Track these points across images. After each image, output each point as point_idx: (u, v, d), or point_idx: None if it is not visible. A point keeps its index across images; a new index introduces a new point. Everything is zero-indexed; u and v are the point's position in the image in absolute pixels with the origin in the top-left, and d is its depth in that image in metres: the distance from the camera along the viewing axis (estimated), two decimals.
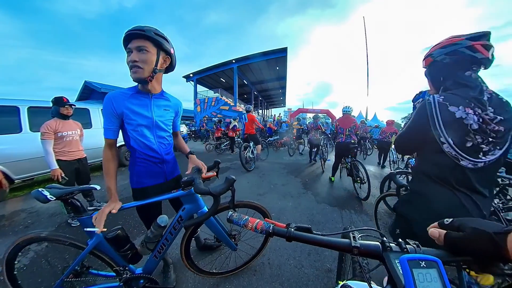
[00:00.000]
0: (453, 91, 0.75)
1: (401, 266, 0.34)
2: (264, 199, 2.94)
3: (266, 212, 1.33)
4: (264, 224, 0.47)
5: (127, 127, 0.99)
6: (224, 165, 5.18)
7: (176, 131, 1.26)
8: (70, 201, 0.92)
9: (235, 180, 0.80)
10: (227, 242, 1.29)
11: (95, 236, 0.93)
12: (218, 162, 1.22)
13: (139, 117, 0.99)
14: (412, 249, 0.39)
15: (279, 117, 17.00)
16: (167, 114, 1.11)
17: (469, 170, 0.71)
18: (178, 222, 1.05)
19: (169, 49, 0.98)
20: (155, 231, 1.01)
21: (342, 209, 2.71)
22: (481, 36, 0.71)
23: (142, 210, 1.15)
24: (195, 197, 1.07)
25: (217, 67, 18.47)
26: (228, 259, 1.50)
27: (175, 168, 1.23)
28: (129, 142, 1.02)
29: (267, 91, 29.72)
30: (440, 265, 0.33)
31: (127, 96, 0.97)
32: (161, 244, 1.05)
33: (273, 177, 4.14)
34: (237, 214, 0.51)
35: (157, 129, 1.06)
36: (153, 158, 1.07)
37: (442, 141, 0.72)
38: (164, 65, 1.00)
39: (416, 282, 0.31)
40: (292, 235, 0.44)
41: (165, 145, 1.12)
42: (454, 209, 0.74)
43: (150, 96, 1.03)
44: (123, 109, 0.95)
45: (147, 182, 1.10)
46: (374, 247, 0.40)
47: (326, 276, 1.48)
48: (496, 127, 0.67)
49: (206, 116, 16.88)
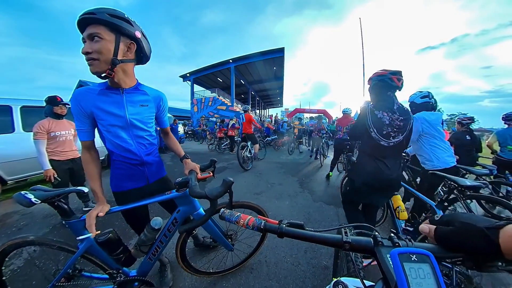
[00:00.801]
0: (379, 102, 1.33)
1: (392, 260, 0.33)
2: (261, 198, 2.94)
3: (262, 211, 1.33)
4: (256, 220, 0.47)
5: (100, 128, 0.89)
6: (221, 165, 5.16)
7: (164, 127, 1.16)
8: (57, 204, 0.87)
9: (232, 182, 0.78)
10: (224, 243, 1.28)
11: (85, 240, 0.91)
12: (214, 161, 1.17)
13: (110, 117, 0.88)
14: (404, 244, 0.38)
15: (276, 117, 17.00)
16: (145, 111, 0.97)
17: (384, 147, 1.28)
18: (172, 224, 1.04)
19: (132, 32, 0.81)
20: (148, 234, 0.99)
21: (338, 207, 2.72)
22: (397, 72, 1.25)
23: (128, 214, 1.10)
24: (190, 199, 1.04)
25: (214, 66, 18.41)
26: (225, 258, 1.50)
27: (159, 169, 1.13)
28: (105, 143, 0.93)
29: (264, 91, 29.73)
30: (432, 259, 0.32)
31: (95, 93, 0.85)
32: (156, 247, 1.04)
33: (270, 176, 4.14)
34: (229, 211, 0.51)
35: (133, 128, 0.94)
36: (131, 160, 0.97)
37: (371, 131, 1.29)
38: (129, 54, 0.84)
39: (408, 278, 0.30)
40: (284, 231, 0.44)
41: (145, 146, 1.01)
42: (374, 170, 1.30)
43: (121, 92, 0.89)
44: (92, 108, 0.85)
45: (127, 186, 1.01)
46: (366, 242, 0.40)
47: (323, 273, 1.49)
48: (399, 123, 1.26)
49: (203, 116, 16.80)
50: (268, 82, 23.98)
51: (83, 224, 0.88)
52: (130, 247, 1.07)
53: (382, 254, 0.37)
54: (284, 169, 4.74)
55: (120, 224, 2.02)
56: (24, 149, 2.98)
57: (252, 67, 18.89)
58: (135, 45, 0.86)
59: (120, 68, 0.84)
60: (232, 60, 17.18)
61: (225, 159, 6.03)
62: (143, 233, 1.00)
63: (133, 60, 0.89)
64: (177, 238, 1.17)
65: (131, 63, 0.89)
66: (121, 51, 0.81)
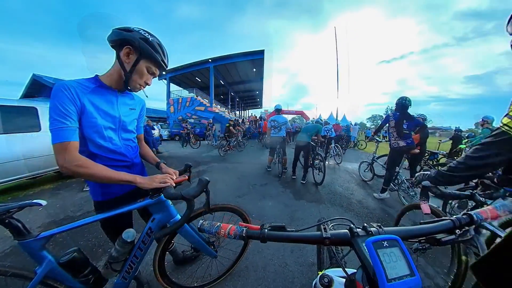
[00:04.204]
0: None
1: (367, 248, 0.36)
2: (243, 201, 2.91)
3: (244, 213, 1.31)
4: (237, 228, 0.46)
5: (85, 128, 0.80)
6: (201, 168, 4.99)
7: (139, 134, 1.12)
8: (8, 221, 0.73)
9: (208, 181, 0.75)
10: (206, 250, 1.23)
11: (44, 263, 0.78)
12: (189, 166, 1.14)
13: (102, 115, 0.84)
14: (376, 231, 0.42)
15: (254, 117, 17.08)
16: (132, 114, 1.00)
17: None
18: (147, 235, 0.95)
19: (118, 37, 0.79)
20: (120, 248, 0.89)
21: (320, 203, 2.86)
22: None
23: (109, 225, 1.00)
24: (166, 205, 0.97)
25: (192, 65, 17.76)
26: (210, 268, 1.43)
27: (143, 171, 1.11)
28: (86, 146, 0.83)
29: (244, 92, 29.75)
30: (400, 242, 0.36)
31: (88, 89, 0.81)
32: (130, 263, 0.94)
33: (252, 178, 4.14)
34: (208, 222, 0.49)
35: (122, 130, 0.94)
36: (120, 162, 0.94)
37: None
38: (128, 60, 0.82)
39: (383, 263, 0.34)
40: (266, 236, 0.44)
41: (132, 148, 1.01)
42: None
43: (117, 93, 0.90)
44: (85, 102, 0.78)
45: (117, 192, 0.97)
46: (343, 235, 0.43)
47: (310, 270, 1.53)
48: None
49: (180, 117, 16.06)
50: (248, 83, 24.04)
51: (41, 243, 0.76)
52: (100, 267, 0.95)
53: (359, 244, 0.39)
54: (264, 170, 4.77)
55: (86, 243, 1.80)
56: None
57: (232, 67, 18.72)
58: (131, 47, 0.81)
59: (117, 72, 0.85)
60: (212, 60, 16.77)
61: (205, 162, 5.85)
62: (114, 248, 0.90)
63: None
64: (154, 252, 1.07)
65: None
66: (124, 61, 0.82)
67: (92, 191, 0.95)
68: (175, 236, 1.22)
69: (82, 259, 0.86)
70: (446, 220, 0.45)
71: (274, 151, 4.59)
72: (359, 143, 11.11)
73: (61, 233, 0.79)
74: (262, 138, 10.02)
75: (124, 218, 1.02)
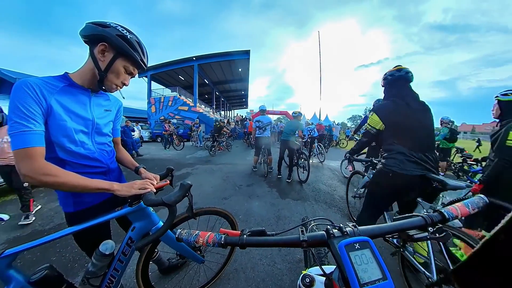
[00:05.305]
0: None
1: (340, 252, 0.37)
2: (230, 202, 2.90)
3: (229, 216, 1.30)
4: (216, 236, 0.45)
5: (52, 131, 0.72)
6: (185, 171, 4.85)
7: (115, 137, 1.04)
8: None
9: (191, 185, 0.74)
10: (192, 256, 1.20)
11: (12, 283, 0.70)
12: (171, 169, 1.08)
13: (73, 118, 0.76)
14: (351, 231, 0.43)
15: (238, 117, 16.97)
16: (108, 116, 0.93)
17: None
18: (128, 245, 0.90)
19: (92, 32, 0.74)
20: (98, 262, 0.83)
21: (305, 201, 2.95)
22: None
23: (84, 238, 0.91)
24: (147, 212, 0.93)
25: (175, 63, 17.10)
26: (198, 274, 1.40)
27: (120, 177, 1.04)
28: (54, 152, 0.75)
29: (230, 92, 29.45)
30: (371, 243, 0.37)
31: (56, 88, 0.73)
32: (110, 277, 0.88)
33: (238, 178, 4.13)
34: (186, 231, 0.48)
35: (96, 134, 0.86)
36: (95, 168, 0.86)
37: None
38: (103, 58, 0.76)
39: (354, 266, 0.34)
40: (245, 242, 0.44)
41: (107, 152, 0.94)
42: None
43: (91, 93, 0.83)
44: (53, 103, 0.70)
45: (91, 201, 0.89)
46: (320, 236, 0.43)
47: (298, 266, 1.57)
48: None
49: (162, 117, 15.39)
50: (234, 83, 23.84)
51: (6, 262, 0.69)
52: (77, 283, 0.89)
53: (334, 245, 0.40)
54: (250, 170, 4.80)
55: (60, 258, 1.66)
56: None
57: (217, 66, 18.40)
58: (106, 44, 0.75)
59: (91, 71, 0.78)
60: (196, 58, 16.31)
61: (188, 164, 5.69)
62: (91, 262, 0.84)
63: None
64: (136, 262, 1.02)
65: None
66: (99, 60, 0.76)
67: (63, 201, 0.85)
68: (158, 244, 1.17)
69: (55, 276, 0.78)
70: (417, 217, 0.46)
71: (259, 151, 4.63)
72: (341, 142, 11.65)
73: (29, 249, 0.72)
74: (248, 139, 10.08)
75: (101, 229, 0.96)
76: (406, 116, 1.31)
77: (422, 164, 1.26)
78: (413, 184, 1.28)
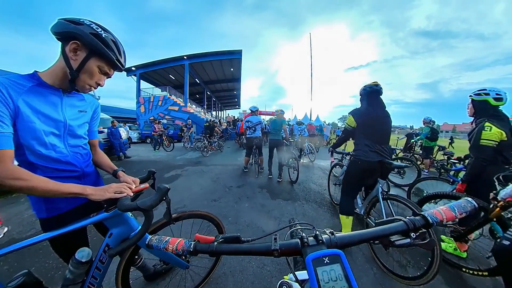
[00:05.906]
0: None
1: (307, 266, 0.34)
2: (219, 204, 2.86)
3: (215, 219, 1.27)
4: (185, 243, 0.43)
5: (21, 133, 0.69)
6: (175, 172, 4.74)
7: (92, 139, 1.00)
8: None
9: (168, 189, 0.71)
10: (176, 262, 1.17)
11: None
12: (153, 172, 1.04)
13: (42, 119, 0.73)
14: (327, 238, 0.40)
15: (230, 118, 16.88)
16: (82, 117, 0.89)
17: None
18: (105, 252, 0.87)
19: (64, 30, 0.69)
20: (75, 269, 0.79)
21: (295, 201, 2.96)
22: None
23: (60, 244, 0.88)
24: (124, 218, 0.89)
25: (165, 62, 16.72)
26: (184, 280, 1.35)
27: (98, 181, 1.00)
28: (23, 155, 0.72)
29: (221, 92, 29.23)
30: (342, 258, 0.34)
31: (24, 87, 0.69)
32: (89, 285, 0.84)
33: (228, 180, 4.09)
34: (157, 238, 0.46)
35: (69, 136, 0.83)
36: (68, 172, 0.83)
37: None
38: (75, 57, 0.71)
39: (320, 284, 0.31)
40: (215, 249, 0.42)
41: (82, 155, 0.90)
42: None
43: (62, 93, 0.80)
44: (20, 103, 0.67)
45: (64, 206, 0.85)
46: (294, 245, 0.40)
47: (287, 267, 1.56)
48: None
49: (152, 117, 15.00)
50: (225, 83, 23.67)
51: None
52: None
53: (307, 255, 0.37)
54: (241, 171, 4.78)
55: (41, 265, 1.56)
56: None
57: (209, 66, 18.19)
58: (78, 43, 0.71)
59: (62, 69, 0.74)
60: (187, 57, 16.01)
61: (179, 165, 5.58)
62: (68, 270, 0.80)
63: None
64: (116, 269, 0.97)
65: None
66: (70, 58, 0.72)
67: (35, 207, 0.82)
68: (138, 250, 1.13)
69: (33, 283, 0.74)
70: (399, 222, 0.44)
71: (250, 152, 4.63)
72: (332, 142, 11.90)
73: (4, 255, 0.67)
74: (240, 139, 10.08)
75: (77, 236, 0.91)
76: (372, 119, 1.77)
77: (380, 153, 1.72)
78: (375, 167, 1.74)
